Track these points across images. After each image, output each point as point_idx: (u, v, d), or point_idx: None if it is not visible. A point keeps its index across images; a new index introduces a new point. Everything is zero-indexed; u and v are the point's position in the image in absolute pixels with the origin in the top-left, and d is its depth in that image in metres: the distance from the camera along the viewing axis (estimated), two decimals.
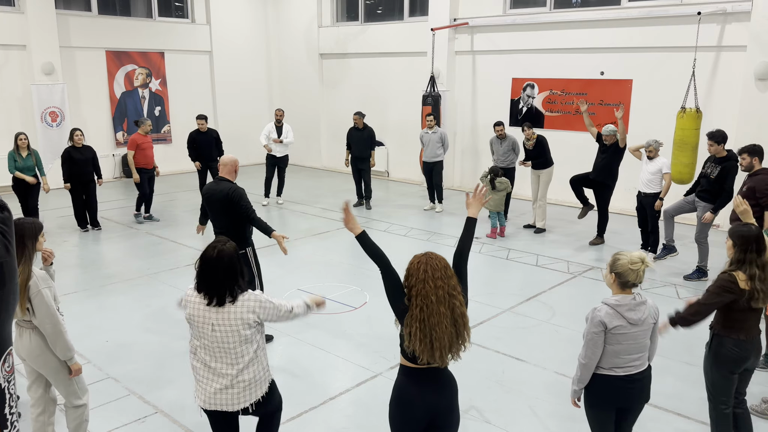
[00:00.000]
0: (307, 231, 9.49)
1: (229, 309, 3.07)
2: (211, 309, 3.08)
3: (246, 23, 15.79)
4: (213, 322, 3.08)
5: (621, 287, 3.32)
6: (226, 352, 3.10)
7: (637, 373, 3.34)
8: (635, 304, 3.29)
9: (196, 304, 3.13)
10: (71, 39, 12.91)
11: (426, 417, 3.03)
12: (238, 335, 3.08)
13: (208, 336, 3.10)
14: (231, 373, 3.11)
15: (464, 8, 12.34)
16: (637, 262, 3.25)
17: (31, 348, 3.61)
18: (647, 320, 3.32)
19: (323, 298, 3.61)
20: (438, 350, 2.88)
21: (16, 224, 3.51)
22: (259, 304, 3.15)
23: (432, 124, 10.61)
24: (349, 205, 3.25)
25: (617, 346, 3.28)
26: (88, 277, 7.55)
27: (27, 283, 3.45)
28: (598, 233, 8.90)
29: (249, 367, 3.14)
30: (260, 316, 3.15)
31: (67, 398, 3.83)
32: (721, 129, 7.25)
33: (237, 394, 3.15)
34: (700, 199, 7.32)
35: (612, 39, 10.58)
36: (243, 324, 3.07)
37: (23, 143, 8.83)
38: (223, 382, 3.13)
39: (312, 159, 15.98)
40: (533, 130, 9.51)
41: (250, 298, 3.14)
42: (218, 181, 5.47)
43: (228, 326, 3.07)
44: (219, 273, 3.07)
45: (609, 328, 3.26)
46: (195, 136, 10.66)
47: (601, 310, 3.31)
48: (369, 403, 4.72)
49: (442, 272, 2.91)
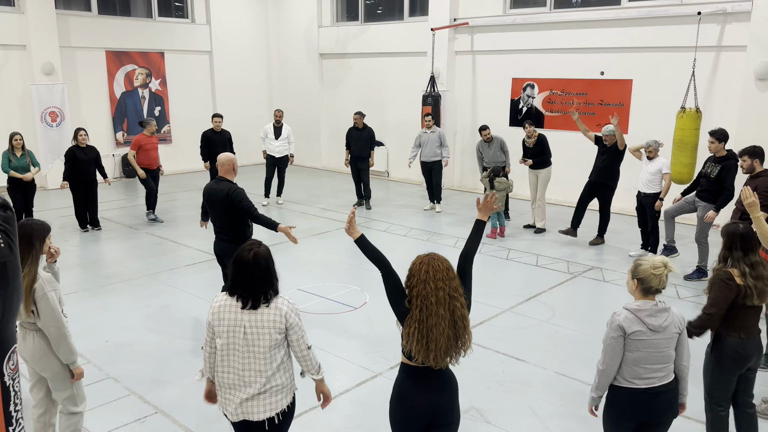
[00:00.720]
0: (307, 231, 9.49)
1: (263, 311, 3.03)
2: (244, 312, 3.03)
3: (246, 23, 15.79)
4: (245, 324, 3.02)
5: (644, 293, 3.22)
6: (255, 357, 3.04)
7: (660, 385, 3.21)
8: (656, 310, 3.19)
9: (227, 308, 3.06)
10: (71, 39, 12.91)
11: (426, 416, 3.03)
12: (270, 338, 3.02)
13: (238, 340, 3.03)
14: (261, 380, 3.05)
15: (464, 8, 12.34)
16: (659, 266, 3.17)
17: (34, 350, 3.59)
18: (669, 328, 3.20)
19: (327, 400, 3.41)
20: (433, 351, 2.88)
21: (25, 225, 3.51)
22: (291, 312, 3.08)
23: (431, 124, 10.61)
24: (355, 212, 3.27)
25: (636, 353, 3.18)
26: (88, 277, 7.55)
27: (33, 285, 3.42)
28: (599, 233, 8.91)
29: (278, 372, 3.09)
30: (289, 324, 3.07)
31: (64, 404, 3.78)
32: (722, 127, 7.25)
33: (265, 401, 3.08)
34: (700, 199, 7.32)
35: (612, 39, 10.58)
36: (275, 327, 3.03)
37: (18, 143, 8.80)
38: (250, 391, 3.06)
39: (312, 159, 15.99)
40: (534, 128, 9.51)
41: (284, 302, 3.09)
42: (218, 181, 5.47)
43: (261, 329, 3.02)
44: (255, 276, 3.02)
45: (628, 334, 3.16)
46: (210, 135, 10.65)
47: (621, 315, 3.22)
48: (369, 403, 4.72)
49: (444, 273, 2.91)
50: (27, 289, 3.39)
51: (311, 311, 6.45)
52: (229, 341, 3.06)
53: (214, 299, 3.15)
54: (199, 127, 11.14)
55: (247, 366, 3.05)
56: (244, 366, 3.05)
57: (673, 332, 3.22)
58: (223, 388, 3.15)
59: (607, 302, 6.88)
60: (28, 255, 3.43)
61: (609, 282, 7.40)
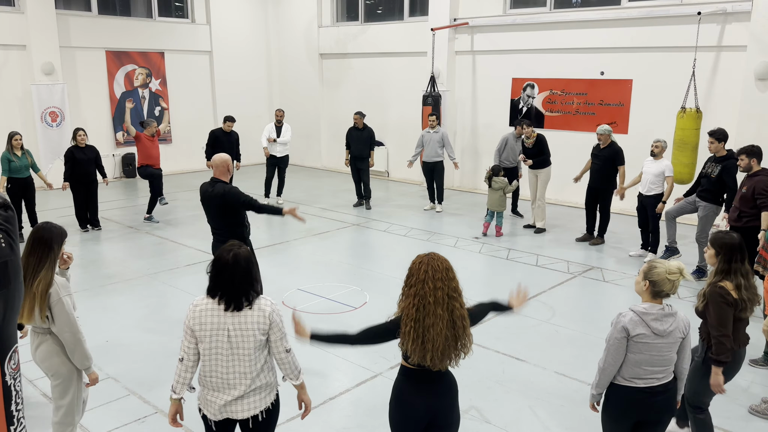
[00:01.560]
0: (307, 231, 9.49)
1: (246, 313, 3.00)
2: (227, 314, 3.00)
3: (246, 23, 15.79)
4: (229, 327, 2.99)
5: (653, 296, 3.18)
6: (240, 359, 3.01)
7: (659, 385, 3.21)
8: (663, 315, 3.16)
9: (209, 312, 3.02)
10: (71, 39, 12.91)
11: (425, 417, 3.03)
12: (254, 340, 3.00)
13: (222, 343, 3.01)
14: (246, 381, 3.04)
15: (464, 8, 12.34)
16: (675, 272, 3.11)
17: (44, 354, 3.57)
18: (674, 333, 3.17)
19: (307, 410, 3.41)
20: (430, 352, 2.86)
21: (45, 228, 3.52)
22: (273, 313, 3.06)
23: (434, 124, 10.62)
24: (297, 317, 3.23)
25: (639, 355, 3.16)
26: (88, 276, 7.55)
27: (48, 289, 3.39)
28: (599, 233, 8.91)
29: (262, 372, 3.08)
30: (271, 325, 3.04)
31: (58, 412, 3.68)
32: (722, 127, 7.25)
33: (250, 399, 3.08)
34: (701, 199, 7.32)
35: (612, 39, 10.58)
36: (259, 329, 3.01)
37: (18, 143, 8.79)
38: (235, 393, 3.04)
39: (312, 159, 15.99)
40: (532, 129, 9.51)
41: (267, 303, 3.07)
42: (213, 183, 5.42)
43: (245, 331, 2.99)
44: (236, 276, 2.99)
45: (631, 336, 3.14)
46: (219, 135, 10.67)
47: (626, 316, 3.19)
48: (369, 403, 4.72)
49: (443, 274, 2.90)
50: (42, 294, 3.37)
51: (311, 311, 6.45)
52: (212, 345, 3.02)
53: (193, 303, 3.08)
54: (200, 127, 11.16)
55: (232, 369, 3.02)
56: (229, 369, 3.02)
57: (678, 337, 3.19)
58: (206, 390, 3.12)
59: (607, 302, 6.88)
60: (46, 258, 3.41)
61: (609, 282, 7.40)
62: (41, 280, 3.38)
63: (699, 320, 3.87)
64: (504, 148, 9.98)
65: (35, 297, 3.37)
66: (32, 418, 4.40)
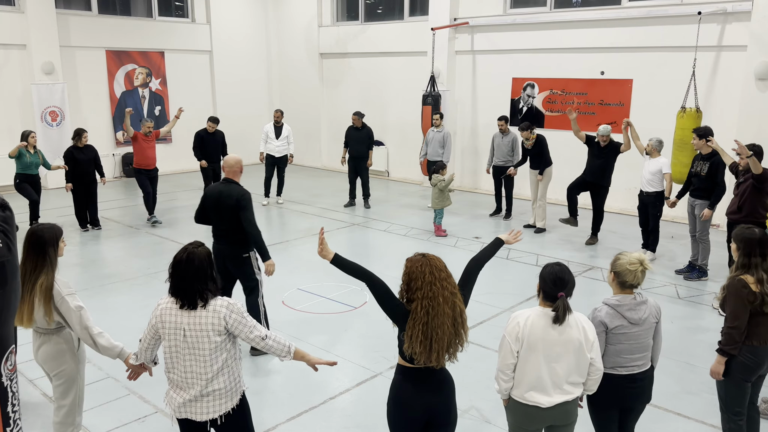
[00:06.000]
0: (307, 231, 9.49)
1: (201, 313, 3.03)
2: (182, 313, 3.04)
3: (246, 23, 15.79)
4: (185, 327, 3.03)
5: (620, 287, 3.32)
6: (196, 359, 3.04)
7: (639, 372, 3.34)
8: (635, 304, 3.29)
9: (168, 311, 3.07)
10: (71, 38, 12.91)
11: (423, 416, 3.03)
12: (209, 340, 3.02)
13: (179, 342, 3.05)
14: (201, 383, 3.06)
15: (464, 8, 12.34)
16: (635, 263, 3.24)
17: (46, 355, 3.56)
18: (648, 319, 3.31)
19: (328, 362, 3.28)
20: (436, 351, 2.89)
21: (35, 232, 3.47)
22: (229, 313, 3.05)
23: (438, 123, 10.63)
24: (323, 231, 3.31)
25: (619, 345, 3.29)
26: (88, 276, 7.55)
27: (50, 291, 3.38)
28: (593, 232, 8.92)
29: (219, 376, 3.07)
30: (229, 325, 3.05)
31: (59, 412, 3.66)
32: (707, 125, 7.32)
33: (207, 403, 3.09)
34: (696, 198, 7.34)
35: (612, 39, 10.58)
36: (213, 330, 3.02)
37: (33, 140, 9.11)
38: (192, 393, 3.07)
39: (312, 159, 15.99)
40: (530, 131, 9.48)
41: (222, 304, 3.07)
42: (227, 183, 5.27)
43: (199, 331, 3.01)
44: (188, 274, 3.04)
45: (610, 328, 3.26)
46: (203, 135, 10.69)
47: (602, 311, 3.32)
48: (369, 403, 4.72)
49: (445, 272, 2.95)
50: (45, 295, 3.37)
51: (311, 311, 6.45)
52: (171, 344, 3.08)
53: (158, 302, 3.15)
54: (199, 127, 11.10)
55: (189, 368, 3.07)
56: (186, 368, 3.08)
57: (652, 322, 3.35)
58: (170, 386, 3.19)
59: None
60: (42, 262, 3.40)
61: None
62: (42, 284, 3.37)
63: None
64: (493, 148, 10.25)
65: (37, 300, 3.37)
66: (32, 418, 4.40)
